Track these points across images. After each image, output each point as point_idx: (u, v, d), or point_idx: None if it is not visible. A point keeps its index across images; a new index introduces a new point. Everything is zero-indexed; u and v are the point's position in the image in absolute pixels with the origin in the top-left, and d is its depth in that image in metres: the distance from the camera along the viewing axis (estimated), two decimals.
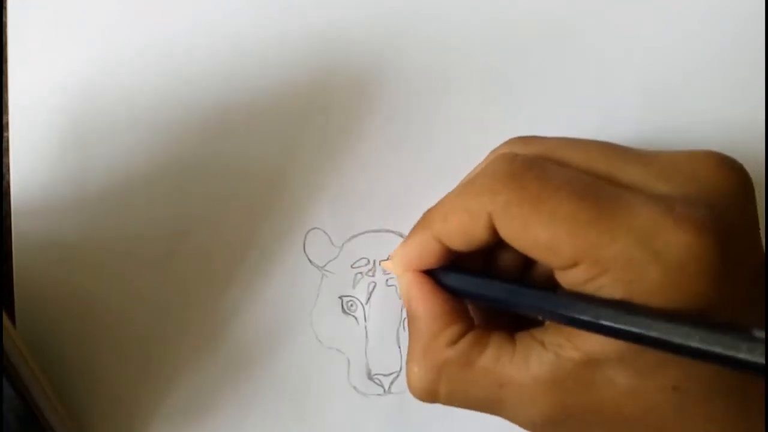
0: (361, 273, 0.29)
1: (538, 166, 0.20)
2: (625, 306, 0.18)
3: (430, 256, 0.22)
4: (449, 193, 0.22)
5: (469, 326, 0.22)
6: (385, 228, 0.29)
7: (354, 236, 0.29)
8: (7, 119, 0.29)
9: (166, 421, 0.29)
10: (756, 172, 0.29)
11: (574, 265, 0.19)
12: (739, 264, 0.19)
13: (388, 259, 0.24)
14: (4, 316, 0.25)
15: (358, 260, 0.29)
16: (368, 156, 0.29)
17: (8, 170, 0.29)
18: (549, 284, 0.21)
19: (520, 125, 0.29)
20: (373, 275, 0.29)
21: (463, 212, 0.21)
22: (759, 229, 0.20)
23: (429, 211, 0.22)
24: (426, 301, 0.22)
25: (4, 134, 0.29)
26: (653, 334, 0.17)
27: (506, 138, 0.23)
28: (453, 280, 0.22)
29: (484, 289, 0.22)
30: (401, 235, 0.29)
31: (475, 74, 0.29)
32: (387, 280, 0.29)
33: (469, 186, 0.21)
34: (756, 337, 0.16)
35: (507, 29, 0.29)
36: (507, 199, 0.19)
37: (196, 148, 0.29)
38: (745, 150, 0.29)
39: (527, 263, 0.23)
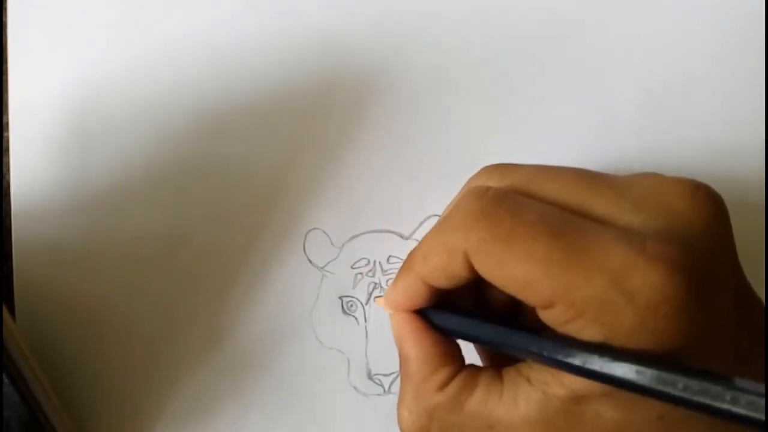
0: (361, 273, 0.29)
1: (509, 201, 0.20)
2: (609, 351, 0.18)
3: (417, 297, 0.22)
4: (429, 231, 0.22)
5: (459, 367, 0.22)
6: (385, 228, 0.29)
7: (354, 236, 0.29)
8: (7, 119, 0.29)
9: (165, 422, 0.29)
10: (756, 172, 0.29)
11: (551, 305, 0.19)
12: (714, 299, 0.19)
13: (380, 296, 0.24)
14: (6, 313, 0.25)
15: (358, 261, 0.29)
16: (369, 156, 0.29)
17: (8, 170, 0.29)
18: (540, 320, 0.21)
19: (520, 127, 0.29)
20: (373, 275, 0.29)
21: (442, 251, 0.20)
22: (735, 255, 0.20)
23: (411, 252, 0.22)
24: (417, 343, 0.22)
25: (4, 134, 0.29)
26: (636, 380, 0.17)
27: (506, 138, 0.23)
28: (443, 320, 0.22)
29: (472, 330, 0.22)
30: (401, 236, 0.29)
31: (476, 76, 0.29)
32: (387, 281, 0.29)
33: (444, 224, 0.21)
34: (737, 386, 0.16)
35: (508, 31, 0.29)
36: (480, 236, 0.19)
37: (197, 149, 0.29)
38: (745, 150, 0.29)
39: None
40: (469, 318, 0.22)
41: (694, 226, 0.19)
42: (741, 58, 0.29)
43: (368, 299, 0.29)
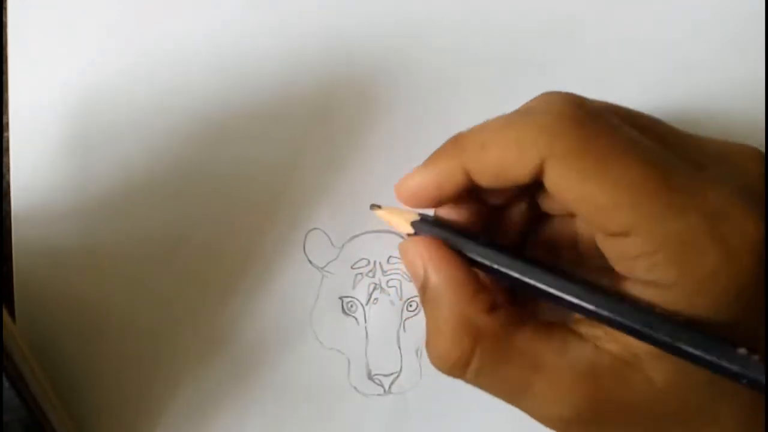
0: (361, 274, 0.29)
1: (608, 119, 0.18)
2: (668, 317, 0.17)
3: (448, 189, 0.20)
4: (491, 120, 0.19)
5: (497, 299, 0.20)
6: (386, 229, 0.29)
7: (354, 237, 0.29)
8: (7, 119, 0.29)
9: (165, 422, 0.29)
10: None
11: (626, 234, 0.17)
12: None
13: (380, 207, 0.21)
14: (5, 314, 0.25)
15: (358, 261, 0.29)
16: (369, 156, 0.29)
17: (8, 170, 0.29)
18: (561, 245, 0.19)
19: None
20: (373, 276, 0.29)
21: (512, 145, 0.18)
22: None
23: (462, 136, 0.20)
24: (448, 268, 0.20)
25: (4, 134, 0.29)
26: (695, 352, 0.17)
27: None
28: (481, 254, 0.20)
29: (522, 272, 0.19)
30: (401, 236, 0.29)
31: (477, 76, 0.29)
32: (387, 281, 0.29)
33: (523, 119, 0.18)
34: None
35: (508, 32, 0.29)
36: (570, 146, 0.17)
37: (197, 150, 0.29)
38: None
39: (537, 218, 0.21)
40: (506, 256, 0.19)
41: (761, 190, 0.19)
42: (741, 57, 0.29)
43: (368, 299, 0.29)
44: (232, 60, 0.29)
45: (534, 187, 0.20)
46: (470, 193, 0.21)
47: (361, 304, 0.29)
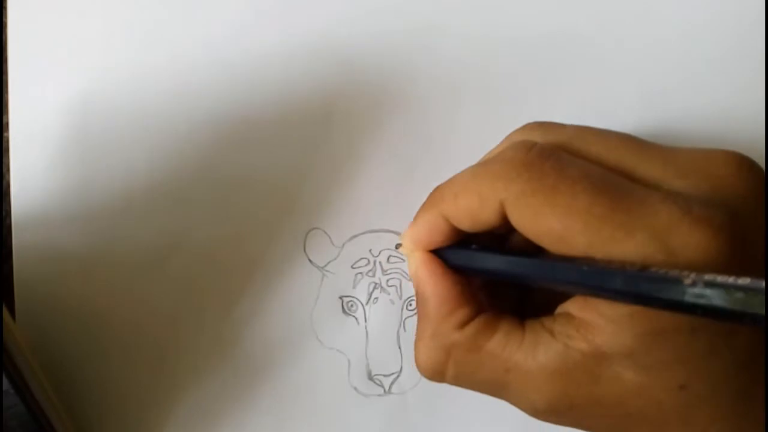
0: (361, 273, 0.29)
1: (555, 157, 0.20)
2: (652, 273, 0.17)
3: (438, 234, 0.22)
4: (462, 172, 0.22)
5: (477, 309, 0.22)
6: (385, 228, 0.29)
7: (354, 236, 0.29)
8: (7, 119, 0.29)
9: (165, 422, 0.29)
10: None
11: (589, 256, 0.18)
12: (753, 267, 0.19)
13: (400, 243, 0.24)
14: (6, 313, 0.25)
15: (358, 260, 0.29)
16: (369, 156, 0.29)
17: (8, 170, 0.29)
18: None
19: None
20: (373, 275, 0.29)
21: (474, 195, 0.20)
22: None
23: (439, 188, 0.22)
24: (435, 283, 0.22)
25: (4, 134, 0.29)
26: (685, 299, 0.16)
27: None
28: (464, 258, 0.22)
29: (501, 265, 0.21)
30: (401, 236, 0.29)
31: (479, 84, 0.29)
32: (387, 281, 0.29)
33: (483, 169, 0.21)
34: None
35: (512, 40, 0.29)
36: (521, 188, 0.19)
37: (198, 152, 0.29)
38: (745, 151, 0.29)
39: (534, 246, 0.23)
40: (494, 253, 0.21)
41: (738, 195, 0.19)
42: (741, 59, 0.29)
43: (368, 299, 0.29)
44: (233, 64, 0.29)
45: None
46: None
47: (362, 304, 0.29)
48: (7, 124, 0.29)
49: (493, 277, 0.23)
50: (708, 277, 0.16)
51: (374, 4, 0.29)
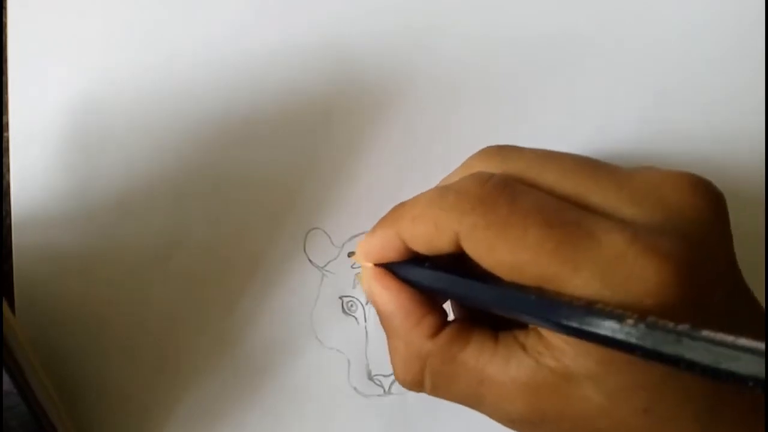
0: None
1: (508, 191, 0.20)
2: (597, 310, 0.17)
3: (392, 251, 0.22)
4: (422, 195, 0.22)
5: (443, 316, 0.22)
6: None
7: (354, 236, 0.29)
8: (7, 119, 0.29)
9: (164, 421, 0.29)
10: (756, 174, 0.29)
11: (542, 287, 0.19)
12: (708, 293, 0.18)
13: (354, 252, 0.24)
14: (6, 310, 0.25)
15: None
16: (369, 156, 0.29)
17: (8, 170, 0.29)
18: None
19: (520, 131, 0.29)
20: None
21: (431, 222, 0.21)
22: (732, 254, 0.20)
23: (400, 207, 0.22)
24: (393, 297, 0.22)
25: (4, 134, 0.29)
26: (624, 339, 0.16)
27: (507, 141, 0.23)
28: (418, 275, 0.22)
29: (455, 287, 0.21)
30: None
31: (479, 84, 0.29)
32: None
33: (439, 200, 0.21)
34: (738, 345, 0.15)
35: (511, 40, 0.29)
36: (475, 221, 0.20)
37: (198, 151, 0.29)
38: (745, 152, 0.29)
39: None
40: (448, 274, 0.21)
41: (689, 220, 0.19)
42: (741, 59, 0.29)
43: (368, 299, 0.29)
44: (233, 64, 0.29)
45: None
46: None
47: (362, 304, 0.29)
48: (7, 124, 0.29)
49: (444, 297, 0.23)
50: (649, 320, 0.16)
51: (374, 4, 0.29)
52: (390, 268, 0.23)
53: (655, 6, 0.29)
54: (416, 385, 0.22)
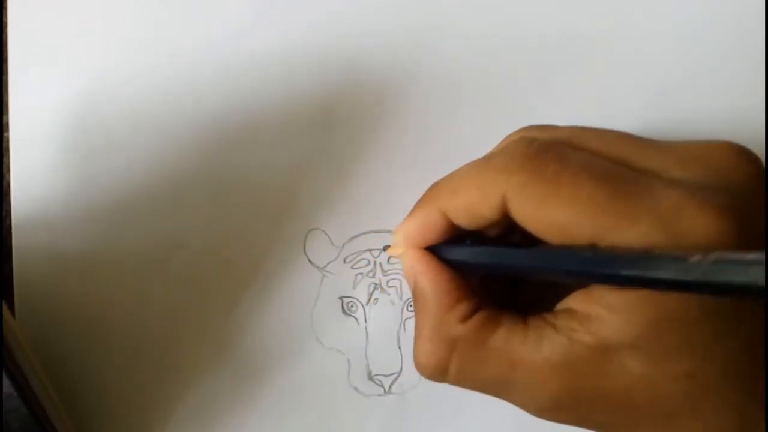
0: (361, 274, 0.29)
1: (555, 149, 0.20)
2: (653, 256, 0.17)
3: (433, 231, 0.22)
4: (461, 168, 0.22)
5: (478, 304, 0.22)
6: (385, 228, 0.29)
7: (354, 237, 0.29)
8: (7, 119, 0.29)
9: (163, 421, 0.29)
10: None
11: (594, 245, 0.18)
12: (755, 248, 0.18)
13: (390, 245, 0.24)
14: (6, 312, 0.25)
15: (358, 261, 0.29)
16: (369, 156, 0.29)
17: (8, 170, 0.29)
18: None
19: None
20: (373, 276, 0.29)
21: (475, 189, 0.20)
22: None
23: (437, 184, 0.22)
24: (434, 277, 0.22)
25: (4, 134, 0.29)
26: (683, 278, 0.15)
27: None
28: (462, 254, 0.22)
29: (502, 258, 0.21)
30: None
31: (480, 85, 0.29)
32: (387, 281, 0.29)
33: (484, 164, 0.21)
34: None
35: (512, 41, 0.29)
36: (524, 180, 0.19)
37: (198, 152, 0.29)
38: None
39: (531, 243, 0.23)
40: (492, 246, 0.21)
41: (737, 181, 0.19)
42: (741, 59, 0.29)
43: (368, 300, 0.29)
44: (233, 64, 0.29)
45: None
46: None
47: (362, 304, 0.29)
48: (7, 124, 0.29)
49: (491, 272, 0.23)
50: (714, 254, 0.15)
51: (374, 4, 0.29)
52: (431, 249, 0.22)
53: (655, 6, 0.29)
54: (439, 371, 0.22)
